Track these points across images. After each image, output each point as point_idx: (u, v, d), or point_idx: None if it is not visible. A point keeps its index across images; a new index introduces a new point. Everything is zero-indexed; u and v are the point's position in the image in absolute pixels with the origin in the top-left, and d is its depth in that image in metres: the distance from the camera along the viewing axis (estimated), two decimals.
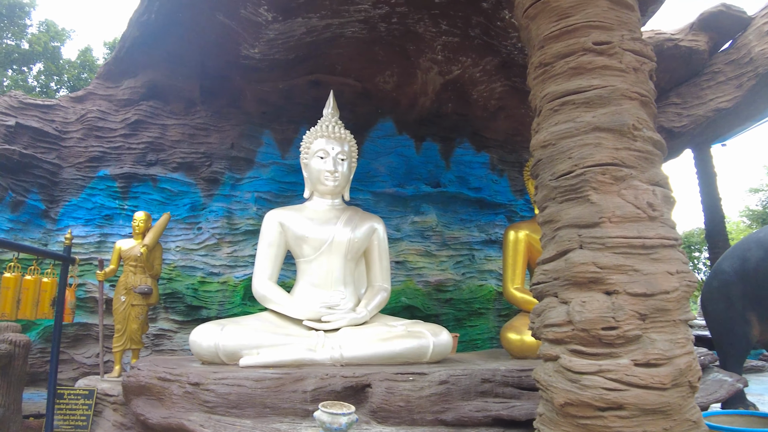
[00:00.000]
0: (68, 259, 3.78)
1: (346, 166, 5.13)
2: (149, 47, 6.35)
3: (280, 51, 5.98)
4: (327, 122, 5.27)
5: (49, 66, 20.36)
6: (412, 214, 7.21)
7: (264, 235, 5.05)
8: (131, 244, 5.35)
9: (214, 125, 6.80)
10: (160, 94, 6.77)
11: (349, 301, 4.83)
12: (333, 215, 5.06)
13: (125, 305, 5.20)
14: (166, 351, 6.20)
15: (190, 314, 6.33)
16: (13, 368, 3.72)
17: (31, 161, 6.32)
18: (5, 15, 19.48)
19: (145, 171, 6.60)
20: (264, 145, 6.84)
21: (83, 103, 6.85)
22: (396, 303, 6.57)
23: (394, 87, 6.79)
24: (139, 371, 3.89)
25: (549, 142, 2.86)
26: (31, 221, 6.33)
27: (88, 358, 6.09)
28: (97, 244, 6.43)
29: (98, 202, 6.55)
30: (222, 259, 6.52)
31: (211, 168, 6.66)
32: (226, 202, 6.65)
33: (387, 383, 3.61)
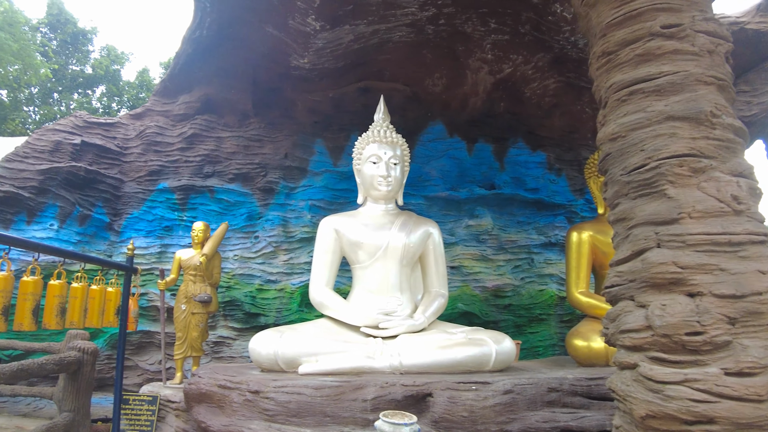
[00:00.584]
0: (131, 269, 3.90)
1: (398, 171, 5.06)
2: (202, 63, 6.54)
3: (328, 60, 6.01)
4: (378, 127, 5.22)
5: (111, 88, 21.53)
6: (467, 218, 7.05)
7: (319, 242, 5.05)
8: (190, 254, 5.48)
9: (267, 136, 6.92)
10: (214, 108, 6.97)
11: (406, 308, 4.73)
12: (387, 220, 4.99)
13: (185, 313, 5.32)
14: (225, 358, 6.30)
15: (249, 321, 6.42)
16: (81, 374, 3.85)
17: (96, 177, 6.63)
18: (70, 43, 20.78)
19: (203, 183, 6.78)
20: (316, 154, 6.89)
21: (142, 119, 7.14)
22: (452, 309, 6.42)
23: (444, 89, 6.69)
24: (200, 379, 3.94)
25: (618, 135, 2.67)
26: (96, 234, 6.63)
27: (152, 364, 6.28)
28: (158, 254, 6.65)
29: (158, 214, 6.77)
30: (279, 266, 6.59)
31: (266, 178, 6.77)
32: (282, 211, 6.73)
33: (449, 392, 3.49)
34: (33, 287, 2.67)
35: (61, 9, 20.58)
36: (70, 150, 6.48)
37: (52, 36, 20.47)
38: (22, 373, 3.18)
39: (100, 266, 3.45)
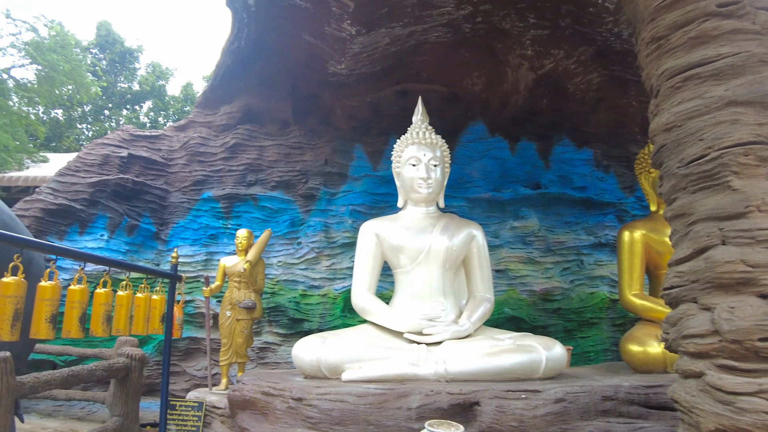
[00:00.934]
0: (175, 277, 3.96)
1: (439, 172, 4.94)
2: (242, 73, 6.66)
3: (365, 64, 5.98)
4: (417, 129, 5.12)
5: (157, 103, 22.44)
6: (511, 219, 6.85)
7: (360, 247, 4.98)
8: (235, 261, 5.54)
9: (307, 143, 6.97)
10: (255, 118, 7.07)
11: (450, 313, 4.60)
12: (428, 223, 4.87)
13: (231, 320, 5.37)
14: (270, 364, 6.34)
15: (293, 327, 6.45)
16: (129, 380, 3.93)
17: (143, 188, 6.85)
18: (118, 61, 21.81)
19: (246, 191, 6.88)
20: (356, 159, 6.88)
21: (185, 131, 7.32)
22: (499, 314, 6.24)
23: (483, 88, 6.54)
24: (244, 385, 3.95)
25: (673, 124, 2.48)
26: (144, 243, 6.83)
27: (199, 370, 6.38)
28: (204, 262, 6.78)
29: (203, 223, 6.92)
30: (321, 272, 6.60)
31: (307, 185, 6.81)
32: (323, 217, 6.75)
33: (497, 401, 3.35)
34: (79, 296, 2.73)
35: (109, 30, 21.63)
36: (118, 163, 6.72)
37: (101, 56, 21.53)
38: (73, 379, 3.26)
39: (146, 275, 3.51)
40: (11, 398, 2.57)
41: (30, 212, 6.14)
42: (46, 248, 2.85)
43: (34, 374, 2.94)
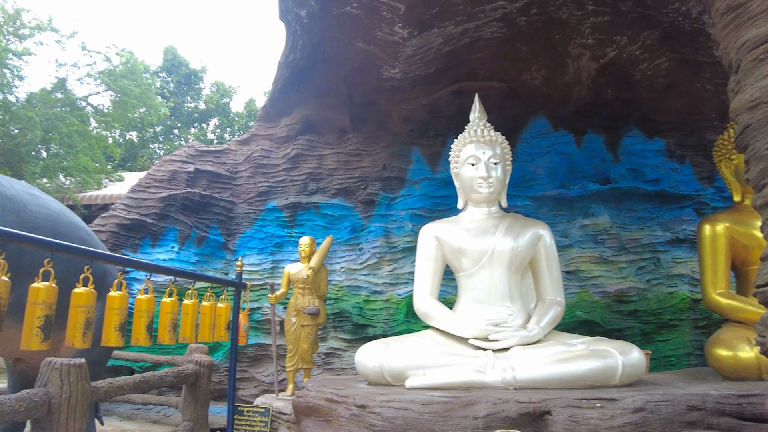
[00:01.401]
0: (240, 285, 4.04)
1: (500, 171, 4.75)
2: (299, 85, 6.79)
3: (419, 66, 5.91)
4: (475, 127, 4.96)
5: (222, 120, 23.53)
6: (581, 217, 6.52)
7: (421, 251, 4.87)
8: (299, 268, 5.62)
9: (365, 150, 7.00)
10: (314, 128, 7.20)
11: (518, 318, 4.40)
12: (491, 224, 4.69)
13: (296, 326, 5.44)
14: (336, 369, 6.37)
15: (358, 333, 6.45)
16: (198, 386, 4.04)
17: (210, 200, 7.13)
18: (184, 83, 23.08)
19: (308, 200, 7.02)
20: (414, 162, 6.82)
21: (248, 144, 7.58)
22: (570, 318, 5.95)
23: (544, 81, 6.30)
24: (308, 392, 3.95)
25: (759, 101, 2.23)
26: (213, 253, 7.11)
27: (267, 376, 6.52)
28: (270, 270, 6.96)
29: (269, 232, 7.11)
30: (383, 277, 6.57)
31: (366, 191, 6.83)
32: (383, 222, 6.74)
33: (570, 410, 3.16)
34: (146, 305, 2.85)
35: (175, 54, 22.96)
36: (186, 178, 7.04)
37: (168, 79, 22.88)
38: (144, 385, 3.39)
39: (211, 283, 3.61)
40: (86, 402, 2.69)
41: (106, 227, 6.56)
42: (114, 260, 3.00)
43: (108, 380, 3.08)
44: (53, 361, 2.61)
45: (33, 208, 3.32)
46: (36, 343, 2.19)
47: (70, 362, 2.63)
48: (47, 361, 2.61)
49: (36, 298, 2.22)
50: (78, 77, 14.73)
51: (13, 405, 2.32)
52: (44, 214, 3.38)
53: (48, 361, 2.61)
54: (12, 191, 3.24)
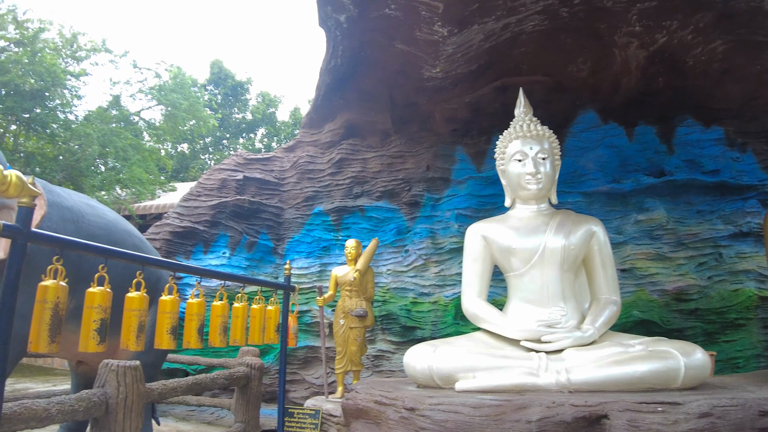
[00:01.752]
0: (289, 288, 4.11)
1: (548, 166, 4.59)
2: (341, 90, 6.85)
3: (461, 64, 5.85)
4: (520, 122, 4.82)
5: (269, 129, 24.16)
6: (635, 212, 6.26)
7: (468, 251, 4.78)
8: (345, 270, 5.67)
9: (408, 151, 6.99)
10: (357, 132, 7.26)
11: (571, 318, 4.24)
12: (541, 222, 4.55)
13: (344, 328, 5.48)
14: (385, 372, 6.37)
15: (406, 335, 6.44)
16: (249, 388, 4.13)
17: (259, 207, 7.34)
18: (231, 95, 23.81)
19: (353, 203, 7.08)
20: (458, 162, 6.75)
21: (294, 151, 7.75)
22: (627, 318, 5.71)
23: (590, 73, 6.10)
24: (357, 394, 3.95)
25: None
26: (263, 258, 7.30)
27: (317, 378, 6.59)
28: (318, 273, 7.08)
29: (316, 236, 7.23)
30: (430, 278, 6.53)
31: (410, 192, 6.82)
32: (429, 223, 6.70)
33: (629, 414, 3.02)
34: (197, 308, 2.93)
35: (221, 67, 23.75)
36: (235, 185, 7.26)
37: (216, 91, 23.68)
38: (197, 387, 3.49)
39: (261, 287, 3.69)
40: (141, 403, 2.79)
41: (160, 235, 6.83)
42: (165, 265, 3.10)
43: (162, 381, 3.19)
44: (110, 363, 2.73)
45: (90, 218, 3.47)
46: (93, 345, 2.29)
47: (125, 364, 2.74)
48: (104, 363, 2.73)
49: (92, 302, 2.33)
50: (130, 94, 15.47)
51: (73, 405, 2.44)
52: (100, 224, 3.53)
53: (105, 363, 2.73)
54: (71, 202, 3.41)
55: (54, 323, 2.12)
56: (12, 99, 11.44)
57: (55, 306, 2.13)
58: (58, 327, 2.14)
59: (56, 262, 2.19)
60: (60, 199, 3.35)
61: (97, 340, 2.30)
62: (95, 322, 2.30)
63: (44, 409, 2.30)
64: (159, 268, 3.10)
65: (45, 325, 2.10)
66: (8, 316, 1.93)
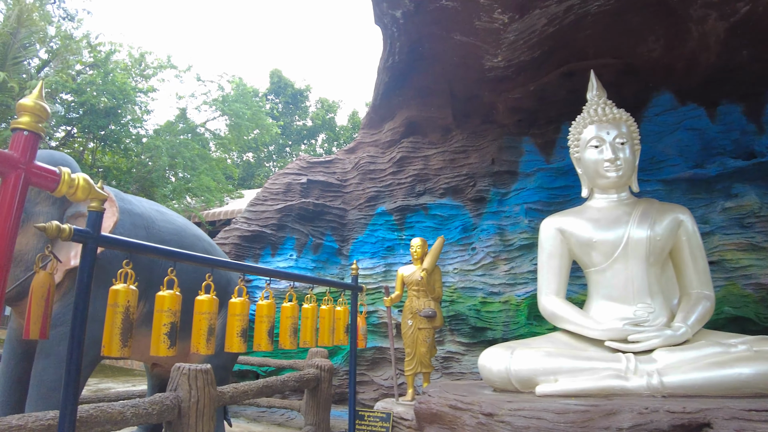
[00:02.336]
0: (356, 288, 4.04)
1: (628, 151, 4.26)
2: (400, 88, 6.77)
3: (523, 52, 5.60)
4: (594, 105, 4.51)
5: (329, 134, 24.62)
6: (722, 199, 5.74)
7: (543, 247, 4.52)
8: (411, 270, 5.57)
9: (471, 145, 6.81)
10: (417, 129, 7.16)
11: (660, 316, 3.91)
12: (622, 212, 4.22)
13: (413, 329, 5.37)
14: (455, 374, 6.21)
15: (476, 336, 6.25)
16: (319, 390, 4.10)
17: (323, 209, 7.41)
18: (291, 103, 24.43)
19: (416, 201, 6.99)
20: (525, 154, 6.48)
21: (355, 153, 7.77)
22: (717, 314, 5.23)
23: (664, 52, 5.66)
24: (430, 398, 3.82)
25: None
26: (329, 259, 7.36)
27: (386, 380, 6.52)
28: (383, 273, 7.04)
29: (380, 236, 7.20)
30: (500, 277, 6.30)
31: (475, 188, 6.64)
32: (496, 219, 6.48)
33: (737, 423, 2.72)
34: (267, 310, 2.89)
35: (280, 76, 24.42)
36: (299, 189, 7.38)
37: (276, 100, 24.36)
38: (268, 389, 3.48)
39: (329, 287, 3.65)
40: (213, 406, 2.80)
41: (229, 240, 7.03)
42: (234, 267, 3.09)
43: (234, 384, 3.20)
44: (182, 367, 2.74)
45: (161, 224, 3.55)
46: (163, 349, 2.28)
47: (197, 368, 2.75)
48: (176, 367, 2.75)
49: (162, 306, 2.32)
50: (196, 106, 16.10)
51: (147, 408, 2.47)
52: (170, 229, 3.60)
53: (177, 367, 2.75)
54: (141, 209, 3.50)
55: (125, 327, 2.12)
56: (88, 117, 12.21)
57: (126, 310, 2.14)
58: (129, 331, 2.14)
59: (126, 265, 2.20)
60: (131, 206, 3.43)
61: (167, 344, 2.29)
62: (165, 326, 2.29)
63: (119, 412, 2.34)
64: (227, 269, 3.11)
65: (117, 329, 2.10)
66: (81, 320, 1.95)
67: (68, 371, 1.89)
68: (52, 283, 2.14)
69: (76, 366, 1.90)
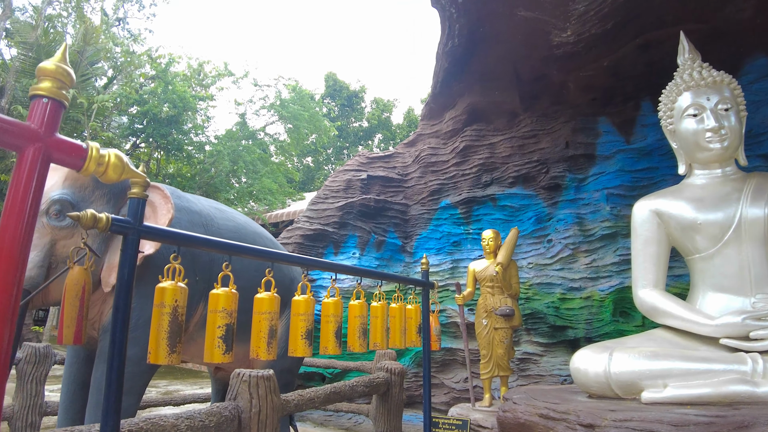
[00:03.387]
0: (428, 284, 3.63)
1: (733, 119, 3.64)
2: (460, 73, 6.39)
3: (594, 24, 5.07)
4: (689, 70, 3.90)
5: (385, 134, 24.56)
6: None
7: (638, 232, 3.94)
8: (484, 265, 5.17)
9: (542, 129, 6.31)
10: (481, 116, 6.74)
11: None
12: (731, 188, 3.62)
13: (488, 329, 4.97)
14: (532, 376, 5.74)
15: (555, 336, 5.75)
16: (390, 395, 3.77)
17: (384, 205, 7.17)
18: (347, 105, 24.53)
19: (483, 193, 6.59)
20: (602, 135, 5.91)
21: (415, 145, 7.45)
22: None
23: (756, 11, 4.95)
24: (516, 406, 3.41)
25: None
26: (392, 257, 7.10)
27: (457, 383, 6.14)
28: (450, 269, 6.69)
29: (445, 231, 6.86)
30: (580, 271, 5.77)
31: (549, 174, 6.14)
32: (574, 208, 5.94)
33: None
34: (334, 309, 2.54)
35: (335, 80, 24.62)
36: (359, 185, 7.14)
37: (332, 104, 24.56)
38: (335, 396, 3.19)
39: (398, 283, 3.27)
40: (276, 416, 2.52)
41: (292, 239, 6.89)
42: (295, 261, 2.76)
43: (299, 392, 2.91)
44: (242, 374, 2.47)
45: (220, 221, 3.39)
46: (218, 355, 1.95)
47: (258, 374, 2.47)
48: (236, 373, 2.49)
49: (216, 305, 1.98)
50: (254, 110, 16.32)
51: (203, 419, 2.22)
52: (230, 226, 3.43)
53: (237, 373, 2.49)
54: (200, 206, 3.34)
55: (173, 330, 1.81)
56: (151, 126, 12.72)
57: (174, 310, 1.82)
58: (178, 334, 1.83)
59: (173, 260, 1.92)
60: (189, 203, 3.27)
61: (222, 349, 1.95)
62: (220, 328, 1.95)
63: (173, 425, 2.09)
64: (289, 263, 2.78)
65: (164, 332, 1.79)
66: (123, 323, 1.66)
67: (109, 382, 1.62)
68: (88, 280, 1.92)
69: (118, 375, 1.64)
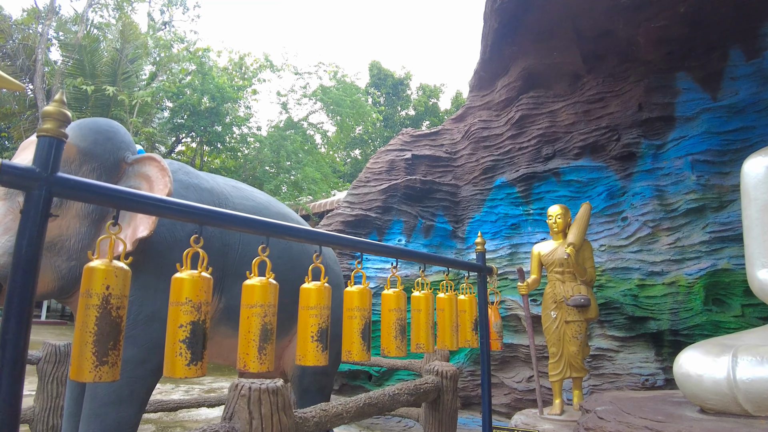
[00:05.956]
0: (484, 269, 2.91)
1: None
2: (512, 35, 5.72)
3: None
4: None
5: (433, 120, 23.90)
6: None
7: (751, 196, 3.19)
8: (552, 247, 4.45)
9: (609, 91, 5.54)
10: (538, 81, 6.03)
11: None
12: None
13: (558, 322, 4.28)
14: (607, 375, 5.02)
15: (633, 328, 5.01)
16: (441, 403, 3.16)
17: (431, 186, 6.58)
18: (392, 93, 23.97)
19: (544, 167, 5.91)
20: (682, 93, 5.08)
21: (464, 120, 6.87)
22: None
23: None
24: (603, 422, 2.74)
25: None
26: (442, 243, 6.51)
27: (519, 382, 5.49)
28: (509, 256, 6.08)
29: (501, 212, 6.23)
30: (662, 252, 4.99)
31: (620, 142, 5.38)
32: (651, 179, 5.17)
33: None
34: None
35: (380, 68, 24.06)
36: (404, 166, 6.59)
37: (378, 93, 24.02)
38: (371, 409, 2.62)
39: (447, 268, 2.58)
40: None
41: (332, 226, 6.40)
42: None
43: (322, 406, 2.32)
44: (240, 386, 1.91)
45: (236, 200, 2.91)
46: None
47: (260, 387, 1.90)
48: (233, 386, 1.94)
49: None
50: (296, 99, 15.97)
51: None
52: (249, 206, 2.93)
53: (234, 386, 1.94)
54: (212, 184, 2.87)
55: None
56: (191, 119, 12.60)
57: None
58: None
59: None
60: (198, 180, 2.81)
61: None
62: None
63: None
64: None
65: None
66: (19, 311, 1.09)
67: None
68: None
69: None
